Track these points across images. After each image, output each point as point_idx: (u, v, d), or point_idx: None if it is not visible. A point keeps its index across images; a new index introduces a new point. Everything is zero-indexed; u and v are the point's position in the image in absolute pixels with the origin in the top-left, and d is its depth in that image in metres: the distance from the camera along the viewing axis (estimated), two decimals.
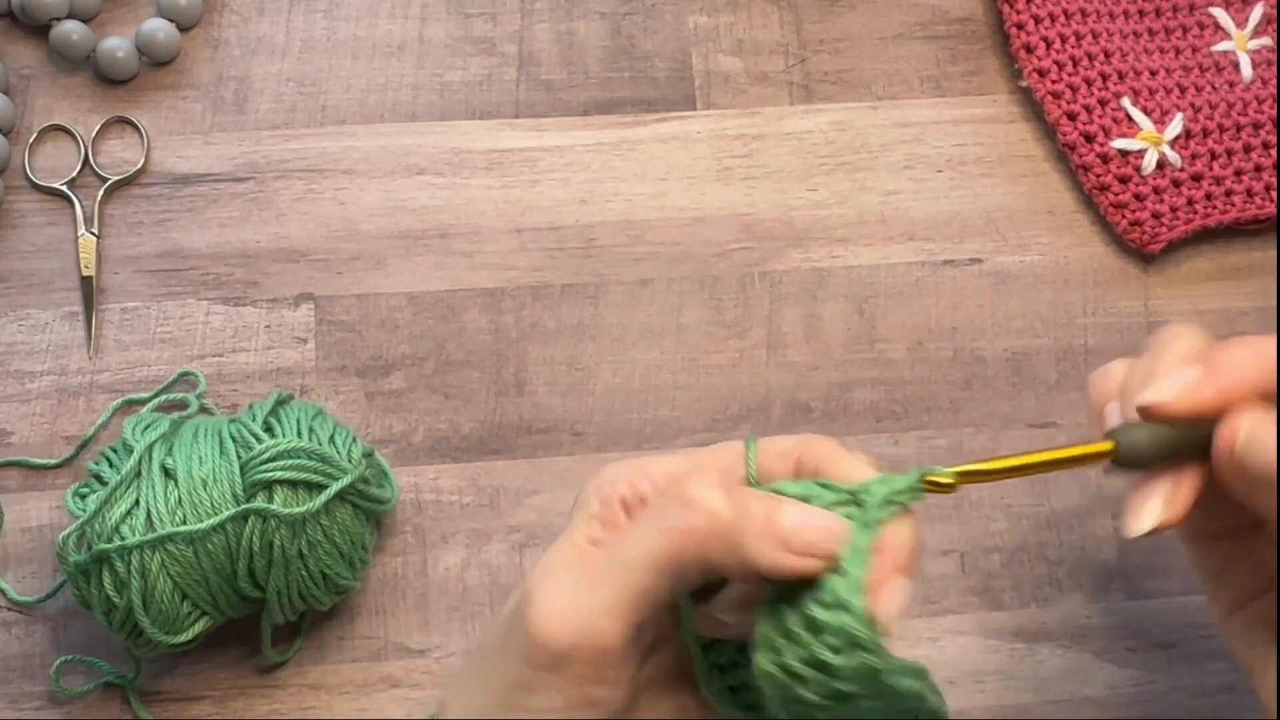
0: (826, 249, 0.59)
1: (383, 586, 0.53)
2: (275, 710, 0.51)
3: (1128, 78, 0.60)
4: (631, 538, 0.36)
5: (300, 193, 0.58)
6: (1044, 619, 0.53)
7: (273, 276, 0.57)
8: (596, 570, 0.36)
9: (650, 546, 0.36)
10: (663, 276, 0.58)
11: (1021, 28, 0.61)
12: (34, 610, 0.52)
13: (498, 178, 0.59)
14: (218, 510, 0.46)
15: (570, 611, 0.36)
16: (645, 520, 0.37)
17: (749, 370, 0.57)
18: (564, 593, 0.36)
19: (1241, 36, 0.63)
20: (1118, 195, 0.59)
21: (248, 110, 0.60)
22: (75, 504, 0.47)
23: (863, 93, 0.62)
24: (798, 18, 0.63)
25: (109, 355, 0.56)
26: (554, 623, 0.36)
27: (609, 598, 0.36)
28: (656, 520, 0.36)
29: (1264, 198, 0.60)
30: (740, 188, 0.59)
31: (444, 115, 0.60)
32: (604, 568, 0.36)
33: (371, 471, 0.50)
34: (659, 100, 0.61)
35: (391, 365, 0.56)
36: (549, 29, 0.62)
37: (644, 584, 0.36)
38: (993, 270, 0.59)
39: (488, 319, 0.57)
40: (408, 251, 0.58)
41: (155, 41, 0.60)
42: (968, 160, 0.61)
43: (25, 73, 0.60)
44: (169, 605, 0.47)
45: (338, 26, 0.62)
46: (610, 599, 0.36)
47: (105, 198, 0.58)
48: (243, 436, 0.48)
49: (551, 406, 0.56)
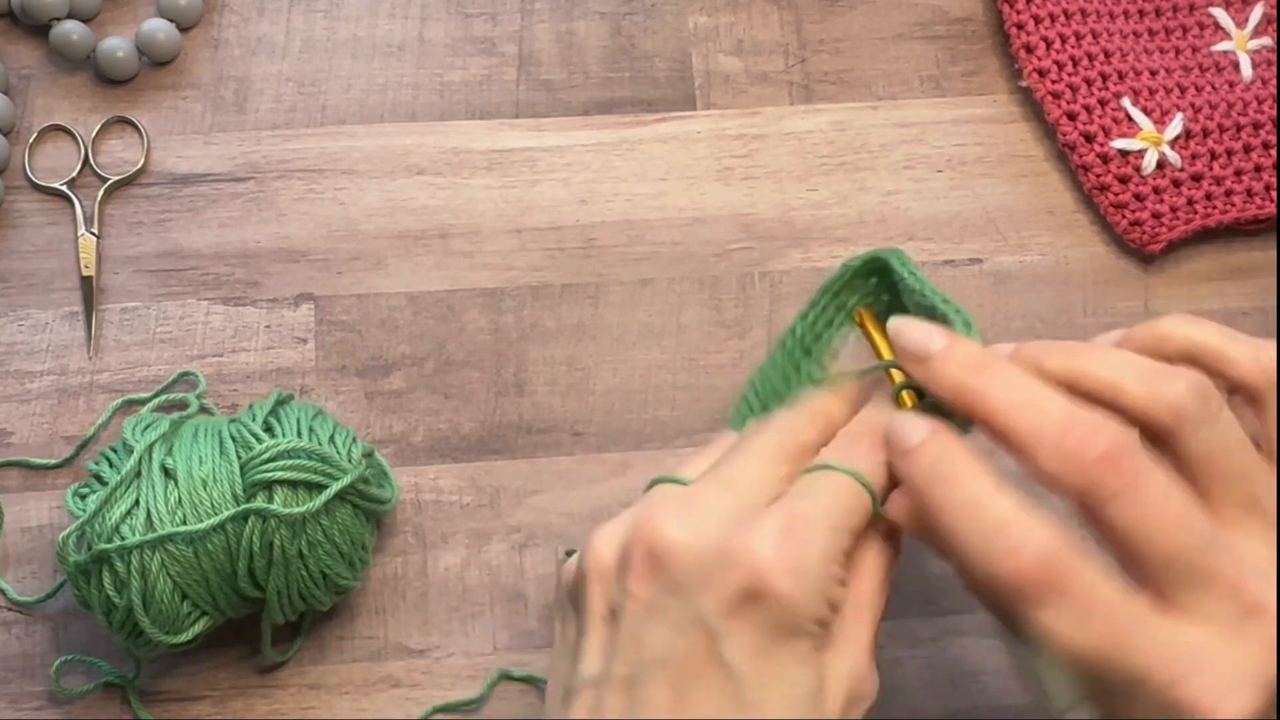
0: (826, 249, 0.59)
1: (383, 586, 0.53)
2: (275, 710, 0.51)
3: (1128, 78, 0.60)
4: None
5: (300, 193, 0.58)
6: None
7: (273, 276, 0.57)
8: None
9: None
10: (663, 276, 0.58)
11: (1021, 28, 0.61)
12: (34, 610, 0.52)
13: (498, 178, 0.59)
14: (218, 510, 0.46)
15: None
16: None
17: (749, 370, 0.56)
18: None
19: (1241, 36, 0.63)
20: (1118, 195, 0.59)
21: (248, 110, 0.60)
22: (75, 504, 0.47)
23: (863, 93, 0.62)
24: (798, 18, 0.63)
25: (109, 355, 0.56)
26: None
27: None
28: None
29: (1264, 198, 0.60)
30: (740, 188, 0.59)
31: (444, 115, 0.60)
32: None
33: (371, 471, 0.51)
34: (659, 100, 0.61)
35: (391, 365, 0.56)
36: (549, 29, 0.62)
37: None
38: (993, 270, 0.59)
39: (488, 319, 0.57)
40: (408, 251, 0.58)
41: (155, 41, 0.60)
42: (968, 160, 0.61)
43: (25, 73, 0.60)
44: (169, 605, 0.47)
45: (338, 26, 0.62)
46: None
47: (105, 198, 0.58)
48: (243, 436, 0.48)
49: (551, 406, 0.56)
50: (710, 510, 0.39)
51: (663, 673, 0.38)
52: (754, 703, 0.37)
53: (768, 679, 0.38)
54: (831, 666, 0.39)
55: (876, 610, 0.41)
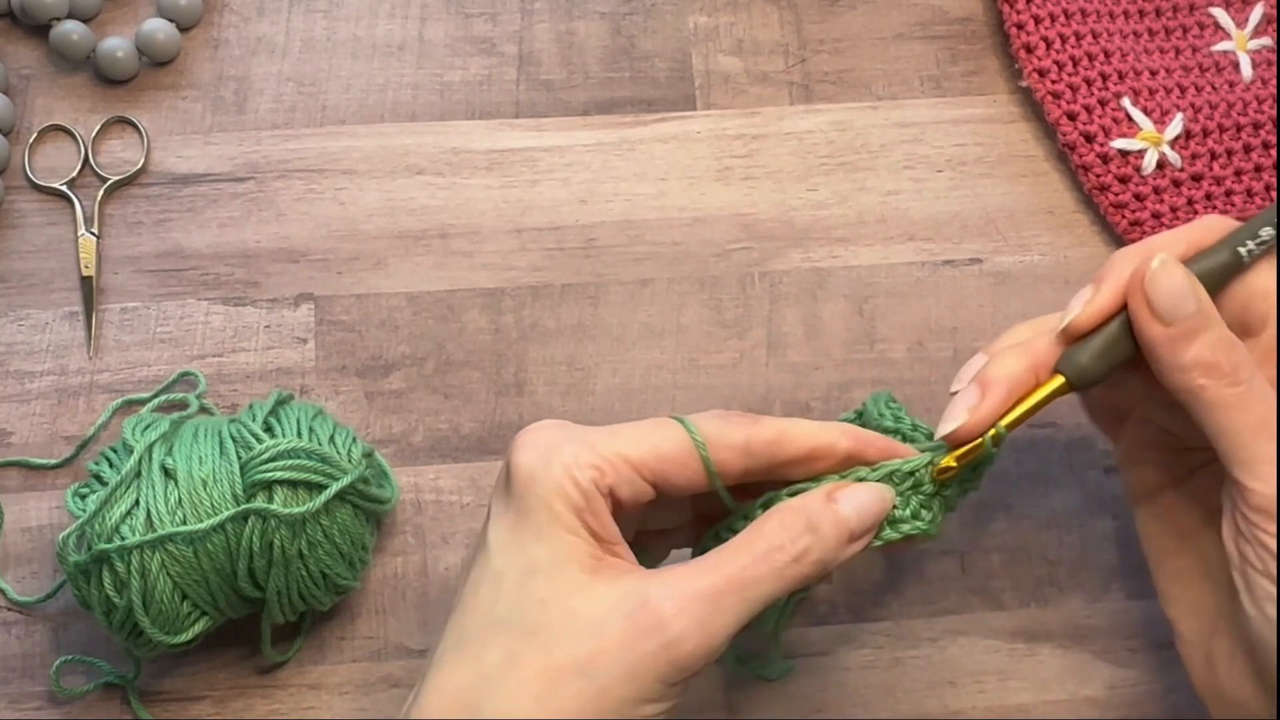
0: (826, 249, 0.59)
1: (383, 586, 0.53)
2: (275, 710, 0.51)
3: (1128, 78, 0.60)
4: (747, 584, 0.40)
5: (300, 193, 0.58)
6: (1044, 619, 0.53)
7: (273, 276, 0.57)
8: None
9: (763, 592, 0.40)
10: (663, 276, 0.58)
11: (1021, 28, 0.61)
12: (34, 610, 0.52)
13: (498, 178, 0.59)
14: (218, 510, 0.46)
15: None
16: (750, 563, 0.40)
17: (749, 370, 0.57)
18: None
19: (1241, 36, 0.63)
20: (1118, 195, 0.59)
21: (248, 110, 0.60)
22: (75, 504, 0.47)
23: (863, 93, 0.62)
24: (798, 18, 0.63)
25: (109, 355, 0.56)
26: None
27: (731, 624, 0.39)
28: (766, 567, 0.40)
29: (1264, 198, 0.60)
30: (740, 188, 0.59)
31: (444, 115, 0.60)
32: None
33: (371, 471, 0.50)
34: (659, 100, 0.61)
35: (391, 365, 0.56)
36: (549, 29, 0.62)
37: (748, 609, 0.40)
38: (993, 270, 0.59)
39: (488, 319, 0.57)
40: (408, 251, 0.58)
41: (155, 41, 0.60)
42: (968, 160, 0.61)
43: (25, 73, 0.60)
44: (169, 605, 0.47)
45: (338, 26, 0.62)
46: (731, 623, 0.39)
47: (105, 198, 0.58)
48: (243, 436, 0.48)
49: (551, 406, 0.56)
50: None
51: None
52: (496, 572, 0.40)
53: (508, 550, 0.40)
54: (610, 576, 0.40)
55: (745, 571, 0.40)
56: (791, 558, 0.40)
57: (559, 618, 0.38)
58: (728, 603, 0.39)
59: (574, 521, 0.39)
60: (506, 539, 0.40)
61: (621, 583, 0.39)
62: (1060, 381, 0.43)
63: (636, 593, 0.39)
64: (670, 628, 0.38)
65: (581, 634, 0.38)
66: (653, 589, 0.39)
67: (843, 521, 0.41)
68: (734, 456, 0.42)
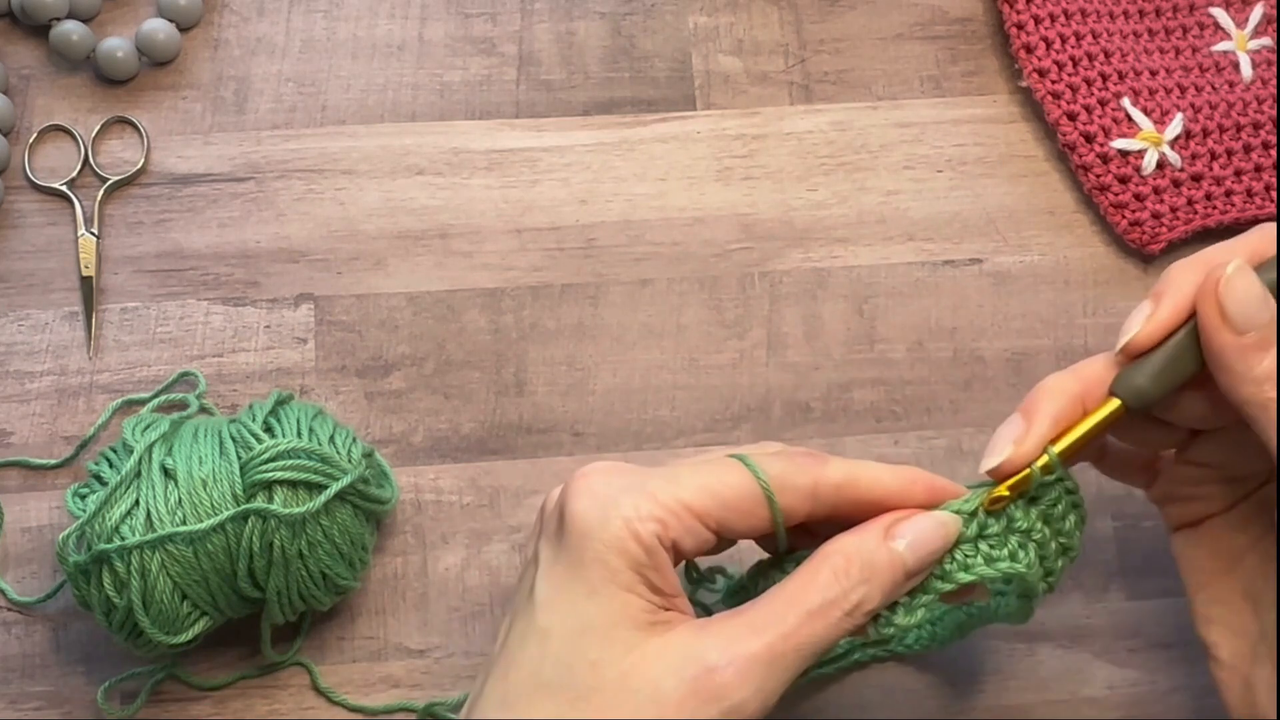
0: (826, 249, 0.59)
1: (383, 586, 0.53)
2: (275, 710, 0.51)
3: (1128, 78, 0.60)
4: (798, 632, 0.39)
5: (300, 193, 0.58)
6: (1043, 619, 0.53)
7: (273, 276, 0.57)
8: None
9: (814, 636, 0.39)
10: (663, 276, 0.58)
11: (1021, 28, 0.61)
12: (34, 610, 0.52)
13: (498, 178, 0.59)
14: (218, 510, 0.46)
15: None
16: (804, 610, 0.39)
17: (749, 370, 0.57)
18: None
19: (1241, 36, 0.63)
20: (1118, 195, 0.59)
21: (248, 110, 0.60)
22: (75, 504, 0.47)
23: (863, 93, 0.62)
24: (798, 18, 0.63)
25: (109, 355, 0.56)
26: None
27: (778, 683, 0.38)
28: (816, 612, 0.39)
29: (1264, 198, 0.60)
30: (740, 188, 0.59)
31: (444, 115, 0.60)
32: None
33: (371, 471, 0.51)
34: (659, 100, 0.61)
35: (391, 365, 0.56)
36: (549, 29, 0.62)
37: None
38: (993, 270, 0.59)
39: (488, 319, 0.57)
40: (408, 251, 0.58)
41: (155, 41, 0.60)
42: (968, 160, 0.61)
43: (25, 73, 0.60)
44: (169, 605, 0.47)
45: (338, 26, 0.62)
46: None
47: (105, 198, 0.58)
48: (243, 437, 0.48)
49: (551, 406, 0.56)
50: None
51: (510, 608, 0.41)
52: (543, 629, 0.38)
53: (558, 605, 0.38)
54: (666, 636, 0.38)
55: (800, 630, 0.39)
56: (845, 612, 0.39)
57: (612, 681, 0.37)
58: (785, 663, 0.38)
59: (631, 578, 0.38)
60: (556, 593, 0.38)
61: (677, 643, 0.38)
62: (1115, 405, 0.41)
63: (696, 658, 0.37)
64: (732, 695, 0.37)
65: (638, 698, 0.37)
66: (710, 652, 0.37)
67: (900, 564, 0.40)
68: (799, 501, 0.40)
